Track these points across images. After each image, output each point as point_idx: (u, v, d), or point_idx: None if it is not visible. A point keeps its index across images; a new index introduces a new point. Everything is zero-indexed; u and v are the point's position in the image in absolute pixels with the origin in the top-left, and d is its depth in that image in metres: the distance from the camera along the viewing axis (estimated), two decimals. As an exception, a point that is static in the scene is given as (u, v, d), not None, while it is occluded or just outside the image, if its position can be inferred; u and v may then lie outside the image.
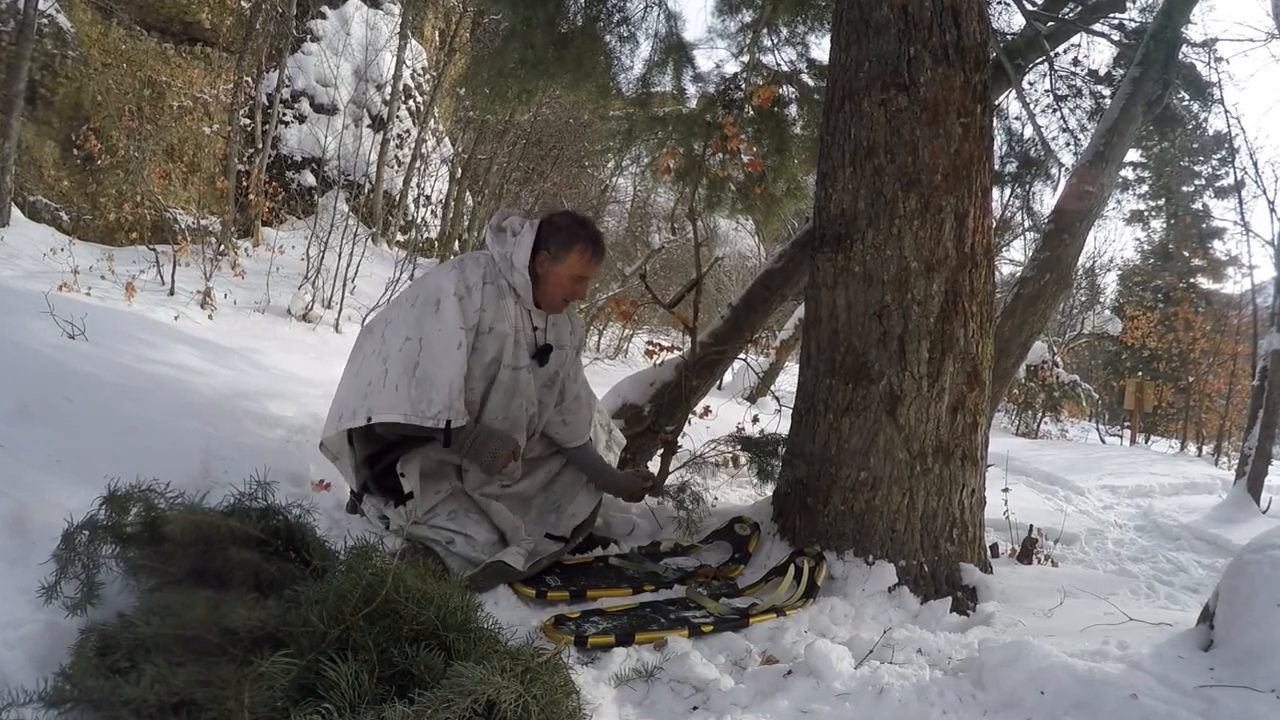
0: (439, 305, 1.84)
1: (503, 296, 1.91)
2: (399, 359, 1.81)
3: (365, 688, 1.12)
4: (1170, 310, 13.59)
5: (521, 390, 1.94)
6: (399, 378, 1.79)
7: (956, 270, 2.08)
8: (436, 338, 1.80)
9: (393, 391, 1.78)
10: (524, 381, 1.95)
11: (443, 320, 1.82)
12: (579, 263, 1.94)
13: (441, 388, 1.77)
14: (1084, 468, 6.43)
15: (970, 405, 2.12)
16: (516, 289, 1.92)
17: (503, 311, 1.90)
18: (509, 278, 1.92)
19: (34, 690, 1.11)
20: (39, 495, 1.50)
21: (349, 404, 1.85)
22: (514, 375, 1.93)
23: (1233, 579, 1.53)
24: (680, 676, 1.52)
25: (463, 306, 1.84)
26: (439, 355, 1.79)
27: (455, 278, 1.87)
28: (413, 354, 1.80)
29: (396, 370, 1.80)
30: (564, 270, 1.94)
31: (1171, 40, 3.04)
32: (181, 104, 7.49)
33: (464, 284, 1.86)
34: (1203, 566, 3.69)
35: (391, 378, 1.80)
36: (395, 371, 1.80)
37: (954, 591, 2.05)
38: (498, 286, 1.91)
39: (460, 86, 8.64)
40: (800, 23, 3.40)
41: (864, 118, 2.12)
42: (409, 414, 1.75)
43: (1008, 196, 4.26)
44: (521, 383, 1.94)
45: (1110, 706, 1.30)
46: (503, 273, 1.92)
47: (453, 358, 1.80)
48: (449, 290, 1.84)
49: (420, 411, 1.75)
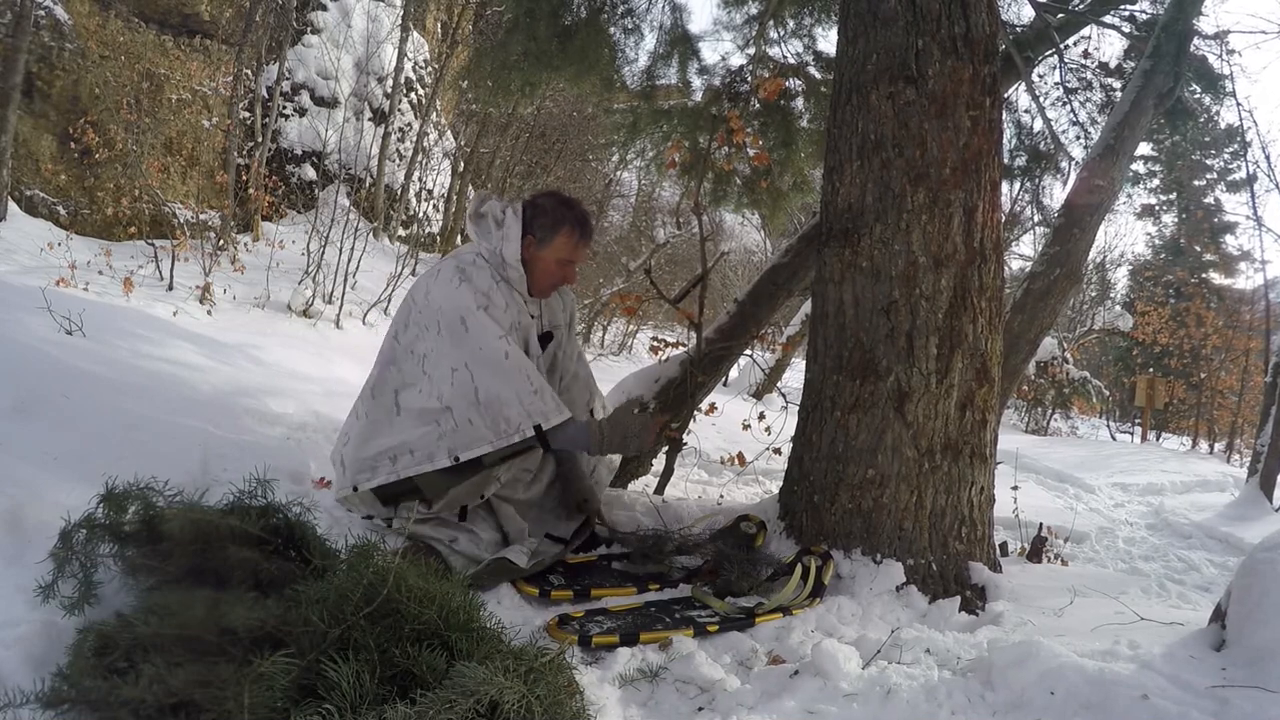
0: (467, 325, 1.80)
1: (513, 290, 1.90)
2: (457, 394, 1.78)
3: (366, 688, 1.11)
4: (1182, 306, 13.50)
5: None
6: (467, 411, 1.78)
7: (965, 265, 2.06)
8: (481, 358, 1.78)
9: (468, 426, 1.77)
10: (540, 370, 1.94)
11: (479, 338, 1.79)
12: (566, 246, 1.90)
13: (510, 401, 1.76)
14: (1094, 465, 6.40)
15: (979, 402, 2.10)
16: (513, 283, 1.90)
17: (519, 305, 1.89)
18: (504, 273, 1.89)
19: (31, 691, 1.11)
20: (35, 493, 1.49)
21: (416, 446, 1.80)
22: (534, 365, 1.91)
23: (1245, 578, 1.51)
24: (685, 677, 1.50)
25: (491, 315, 1.81)
26: (493, 375, 1.77)
27: (469, 291, 1.82)
28: (467, 383, 1.77)
29: (461, 405, 1.78)
30: (550, 255, 1.89)
31: (1183, 32, 3.01)
32: (180, 97, 7.46)
33: (481, 293, 1.83)
34: (1215, 565, 3.67)
35: (460, 414, 1.78)
36: (460, 407, 1.78)
37: (963, 590, 2.03)
38: (505, 281, 1.89)
39: (463, 79, 8.59)
40: (807, 15, 3.37)
41: (872, 111, 2.10)
42: (495, 441, 1.76)
43: (1017, 190, 4.24)
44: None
45: (1121, 707, 1.28)
46: (497, 268, 1.89)
47: (506, 368, 1.78)
48: (471, 306, 1.80)
49: (503, 432, 1.76)
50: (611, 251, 12.25)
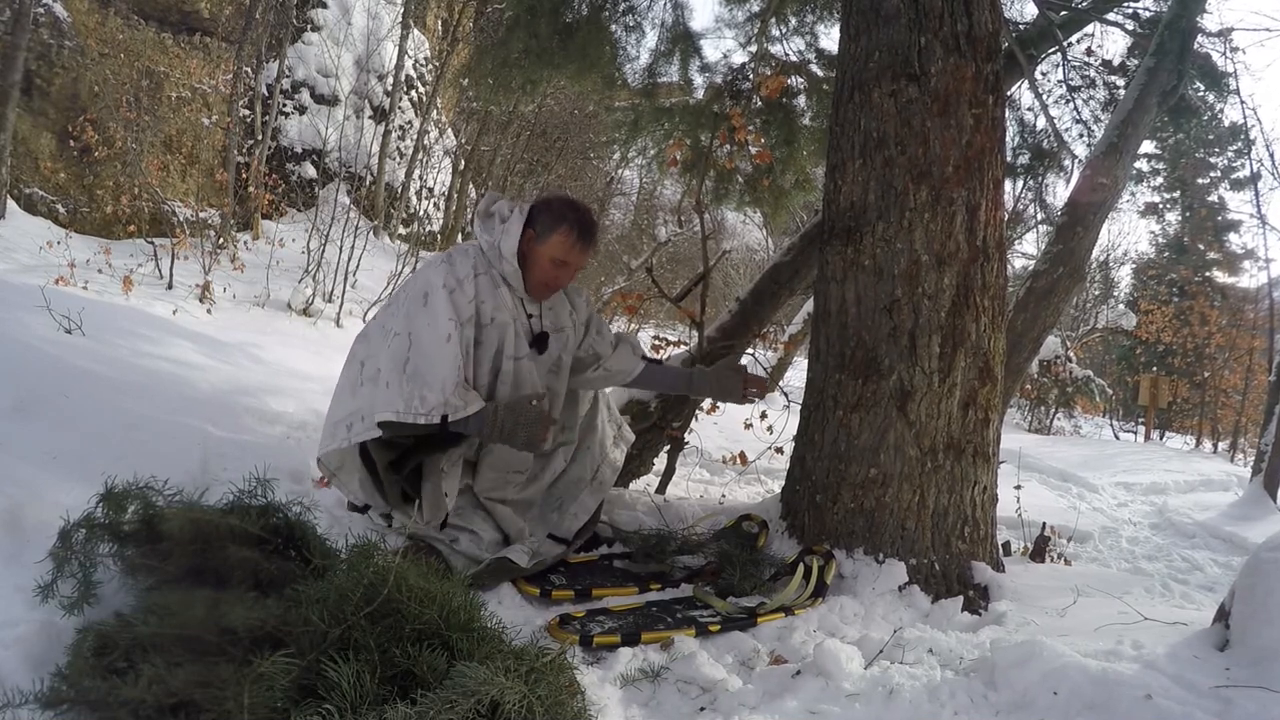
0: (427, 299, 1.80)
1: (497, 286, 1.87)
2: (389, 355, 1.77)
3: (367, 688, 1.11)
4: (1185, 304, 13.41)
5: (525, 380, 1.90)
6: (390, 374, 1.75)
7: (968, 264, 2.05)
8: (426, 332, 1.76)
9: (384, 389, 1.74)
10: (525, 371, 1.91)
11: (431, 314, 1.77)
12: (561, 245, 1.86)
13: (434, 384, 1.71)
14: (1098, 464, 6.37)
15: (982, 401, 2.09)
16: (507, 278, 1.88)
17: (501, 301, 1.87)
18: (499, 267, 1.87)
19: (30, 691, 1.10)
20: (34, 492, 1.48)
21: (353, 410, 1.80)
22: (515, 366, 1.89)
23: (1249, 577, 1.50)
24: (687, 677, 1.50)
25: (453, 299, 1.79)
26: (429, 351, 1.74)
27: (444, 271, 1.83)
28: (402, 350, 1.76)
29: (388, 367, 1.76)
30: (545, 251, 1.86)
31: (1186, 30, 3.00)
32: (180, 95, 7.45)
33: (454, 277, 1.82)
34: (1218, 564, 3.65)
35: (384, 376, 1.76)
36: (387, 369, 1.76)
37: (965, 590, 2.03)
38: (491, 276, 1.87)
39: (463, 77, 8.57)
40: (809, 12, 3.36)
41: (874, 109, 2.09)
42: (403, 411, 1.69)
43: (1020, 189, 4.22)
44: (524, 373, 1.90)
45: (1124, 707, 1.28)
46: (493, 262, 1.88)
47: (444, 352, 1.74)
48: (437, 284, 1.80)
49: (414, 409, 1.69)
50: (613, 250, 12.24)
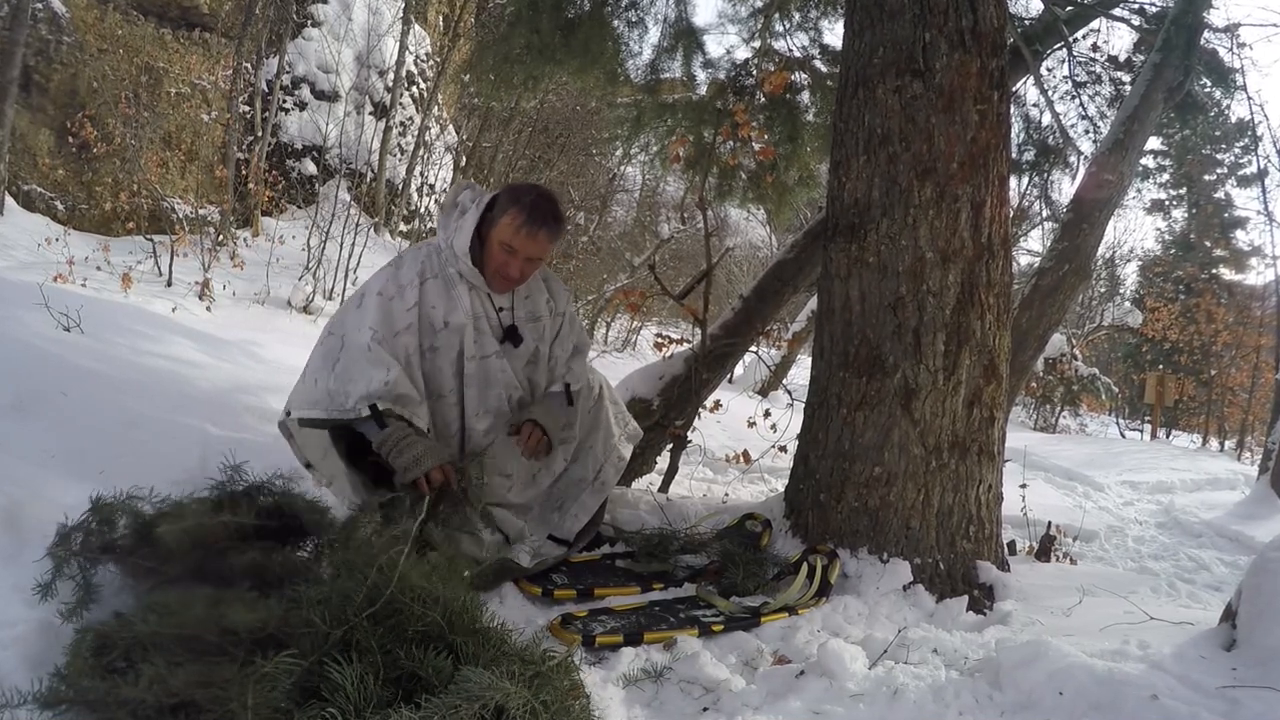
0: (363, 303, 1.81)
1: (452, 286, 1.83)
2: (319, 352, 1.79)
3: (370, 690, 1.10)
4: (1192, 302, 13.36)
5: (495, 379, 1.86)
6: (318, 371, 1.76)
7: (973, 261, 2.04)
8: (354, 335, 1.77)
9: (311, 386, 1.75)
10: (495, 369, 1.87)
11: (362, 317, 1.78)
12: (508, 229, 1.76)
13: (359, 381, 1.70)
14: (1103, 463, 6.36)
15: (987, 399, 2.08)
16: (465, 275, 1.83)
17: (454, 302, 1.82)
18: (455, 266, 1.83)
19: (28, 691, 1.09)
20: (33, 491, 1.48)
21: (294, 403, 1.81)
22: (482, 366, 1.85)
23: (1256, 577, 1.50)
24: (690, 677, 1.49)
25: (389, 307, 1.78)
26: (355, 353, 1.74)
27: (387, 276, 1.83)
28: (334, 349, 1.77)
29: (316, 364, 1.77)
30: (495, 236, 1.79)
31: (1193, 25, 3.00)
32: (179, 91, 7.43)
33: (395, 283, 1.81)
34: (1225, 564, 3.64)
35: (310, 371, 1.77)
36: (314, 365, 1.78)
37: (970, 590, 2.02)
38: (444, 278, 1.83)
39: (465, 73, 8.55)
40: (813, 7, 3.34)
41: (878, 105, 2.08)
42: (328, 408, 1.70)
43: (1025, 185, 4.21)
44: (493, 371, 1.86)
45: (1130, 707, 1.28)
46: (448, 262, 1.84)
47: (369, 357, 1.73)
48: (374, 289, 1.81)
49: (339, 405, 1.70)
50: (615, 247, 12.21)
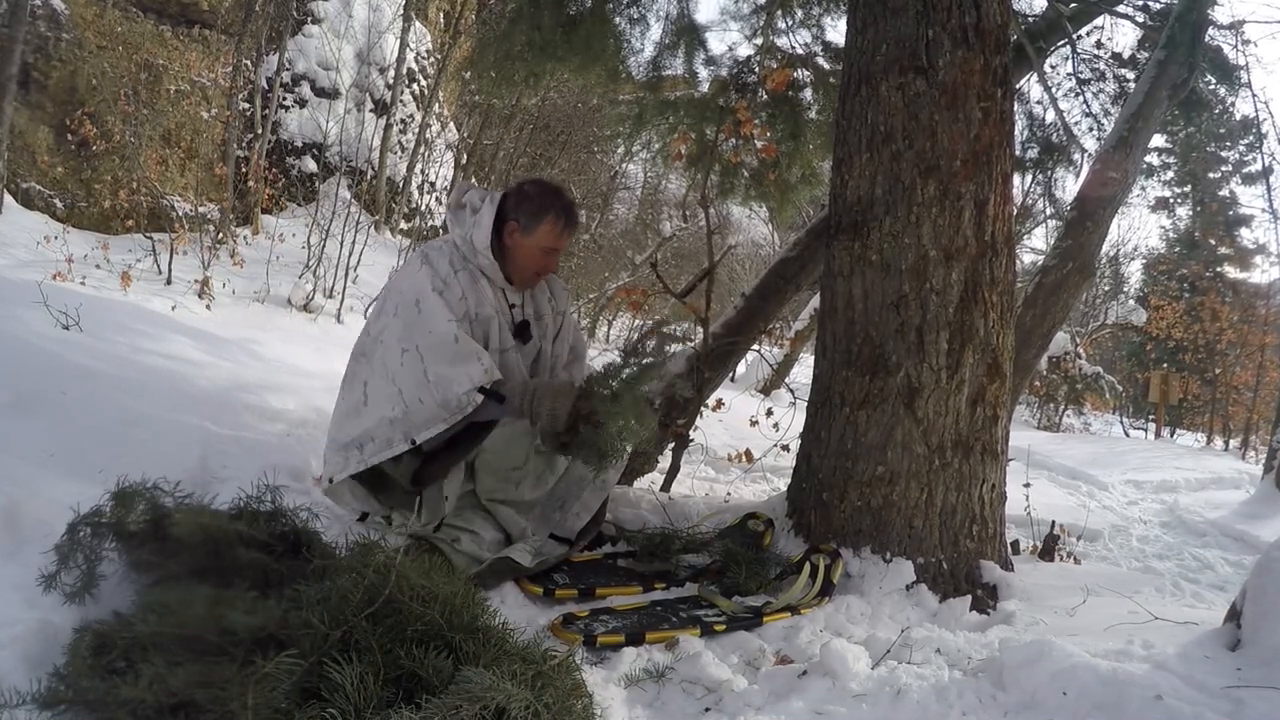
0: (420, 306, 1.80)
1: (476, 280, 1.87)
2: (407, 375, 1.77)
3: (370, 691, 1.09)
4: (1196, 300, 13.30)
5: (511, 372, 1.89)
6: (418, 391, 1.76)
7: (976, 259, 2.03)
8: (429, 340, 1.77)
9: (419, 406, 1.75)
10: (513, 363, 1.91)
11: (430, 321, 1.78)
12: (550, 234, 1.88)
13: (460, 380, 1.74)
14: (1107, 462, 6.32)
15: (990, 398, 2.07)
16: (485, 271, 1.88)
17: (482, 296, 1.87)
18: (475, 261, 1.87)
19: (27, 691, 1.09)
20: (32, 490, 1.48)
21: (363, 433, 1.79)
22: (502, 359, 1.88)
23: (1260, 576, 1.50)
24: (692, 677, 1.49)
25: (445, 299, 1.80)
26: (440, 355, 1.76)
27: (428, 274, 1.83)
28: (417, 365, 1.76)
29: (410, 386, 1.76)
30: (534, 243, 1.88)
31: (1197, 22, 2.98)
32: (179, 88, 7.41)
33: (438, 278, 1.83)
34: (1229, 563, 3.62)
35: (410, 395, 1.76)
36: (410, 388, 1.76)
37: (974, 589, 2.01)
38: (469, 271, 1.87)
39: (466, 70, 8.51)
40: (815, 4, 3.32)
41: (881, 102, 2.07)
42: (449, 418, 1.73)
43: (1029, 183, 4.19)
44: (511, 365, 1.90)
45: (1134, 708, 1.27)
46: (468, 257, 1.88)
47: (455, 351, 1.76)
48: (426, 288, 1.80)
49: (454, 406, 1.73)
50: (617, 245, 12.19)
